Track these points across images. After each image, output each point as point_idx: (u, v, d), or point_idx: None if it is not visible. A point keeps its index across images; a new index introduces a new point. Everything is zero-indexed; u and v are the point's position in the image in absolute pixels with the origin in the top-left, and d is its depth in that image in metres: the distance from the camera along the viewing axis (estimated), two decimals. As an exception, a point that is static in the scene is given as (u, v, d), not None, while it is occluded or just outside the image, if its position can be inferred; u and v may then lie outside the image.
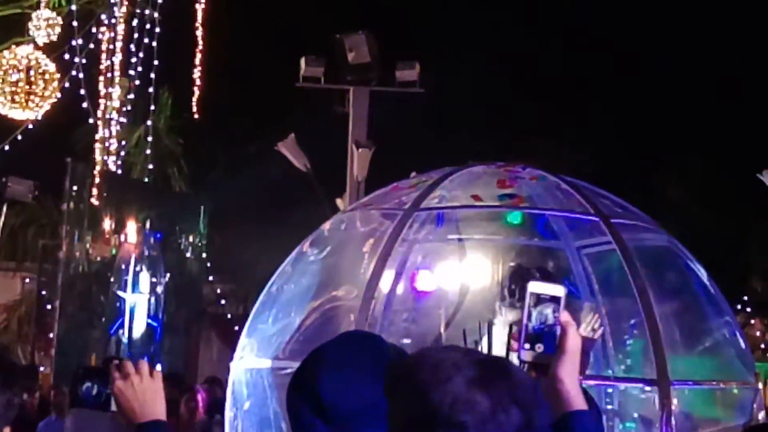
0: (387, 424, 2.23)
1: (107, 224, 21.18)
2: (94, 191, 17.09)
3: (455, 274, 8.38)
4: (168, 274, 23.68)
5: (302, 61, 17.04)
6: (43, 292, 19.13)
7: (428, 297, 8.33)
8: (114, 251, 22.04)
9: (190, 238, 23.47)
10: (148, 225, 22.46)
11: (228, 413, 7.88)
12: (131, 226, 22.08)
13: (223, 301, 24.54)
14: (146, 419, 2.86)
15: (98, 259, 20.74)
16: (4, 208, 18.69)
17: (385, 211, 7.88)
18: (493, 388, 2.13)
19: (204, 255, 23.73)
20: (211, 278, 24.33)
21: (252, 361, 7.68)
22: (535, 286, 2.47)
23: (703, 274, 7.77)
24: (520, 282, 7.45)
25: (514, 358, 2.44)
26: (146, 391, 2.88)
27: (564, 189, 7.66)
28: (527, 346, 2.45)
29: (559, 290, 2.47)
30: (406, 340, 7.78)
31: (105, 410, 2.92)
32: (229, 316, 23.31)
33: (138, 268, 23.15)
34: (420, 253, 8.38)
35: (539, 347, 2.45)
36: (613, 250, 7.47)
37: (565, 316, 2.46)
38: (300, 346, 7.38)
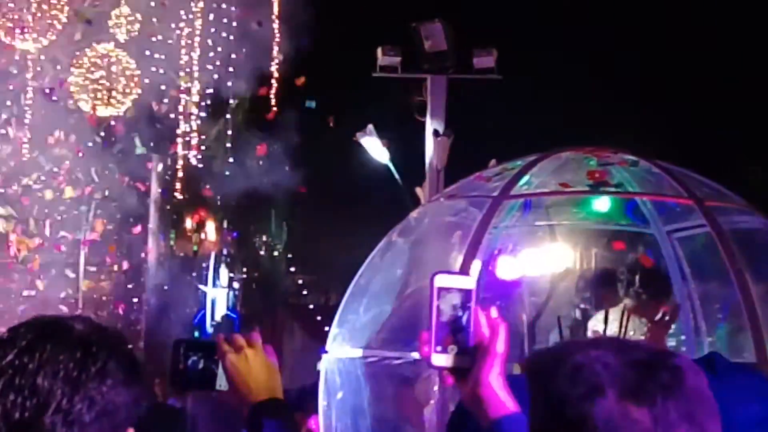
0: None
1: (188, 223, 21.59)
2: (178, 185, 17.27)
3: (544, 261, 8.34)
4: (245, 269, 24.08)
5: (379, 51, 17.06)
6: (129, 286, 19.41)
7: (518, 285, 8.30)
8: (195, 248, 22.49)
9: (264, 237, 23.80)
10: (225, 224, 22.87)
11: (321, 403, 7.93)
12: (210, 225, 22.52)
13: (305, 292, 24.72)
14: (263, 397, 2.50)
15: (181, 255, 21.14)
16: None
17: (473, 198, 7.86)
18: (656, 401, 1.73)
19: (276, 253, 24.01)
20: (292, 269, 24.57)
21: (344, 351, 7.72)
22: (440, 280, 2.11)
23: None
24: (599, 287, 7.42)
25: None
26: (262, 365, 2.53)
27: (655, 173, 7.58)
28: (438, 348, 2.10)
29: (468, 282, 2.13)
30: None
31: (211, 388, 2.54)
32: (311, 306, 23.49)
33: (217, 264, 23.64)
34: (508, 241, 8.34)
35: (452, 349, 2.10)
36: (703, 232, 7.40)
37: (493, 313, 2.15)
38: (391, 335, 7.41)
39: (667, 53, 18.57)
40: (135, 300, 19.07)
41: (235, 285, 24.40)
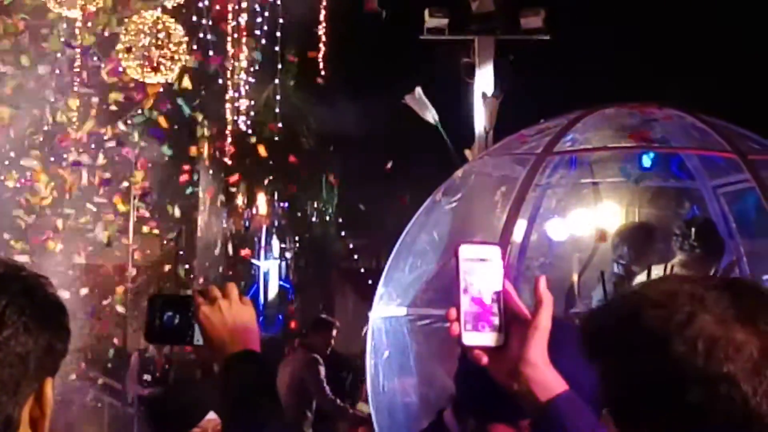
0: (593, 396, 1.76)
1: (240, 200, 21.78)
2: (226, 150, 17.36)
3: (589, 218, 8.33)
4: (297, 238, 24.25)
5: (426, 13, 17.00)
6: (181, 252, 19.60)
7: (563, 242, 8.30)
8: (247, 224, 22.71)
9: (315, 204, 23.93)
10: (276, 196, 23.01)
11: (369, 362, 8.00)
12: (261, 199, 22.68)
13: (356, 256, 24.85)
14: (237, 349, 2.39)
15: (233, 231, 21.35)
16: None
17: (517, 156, 7.86)
18: (758, 322, 1.59)
19: (328, 218, 24.13)
20: (343, 234, 24.71)
21: (390, 310, 7.77)
22: (465, 251, 1.91)
23: None
24: (638, 243, 7.39)
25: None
26: (236, 316, 2.41)
27: (700, 128, 7.52)
28: (468, 327, 1.90)
29: (495, 252, 1.94)
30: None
31: (189, 343, 2.48)
32: (362, 270, 23.60)
33: (269, 237, 23.81)
34: (553, 199, 8.35)
35: (483, 326, 1.90)
36: (751, 188, 7.33)
37: (542, 284, 1.93)
38: (436, 294, 7.44)
39: (720, 10, 18.35)
40: (187, 266, 19.23)
41: (287, 255, 24.58)
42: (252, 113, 17.28)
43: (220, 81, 15.97)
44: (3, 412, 1.67)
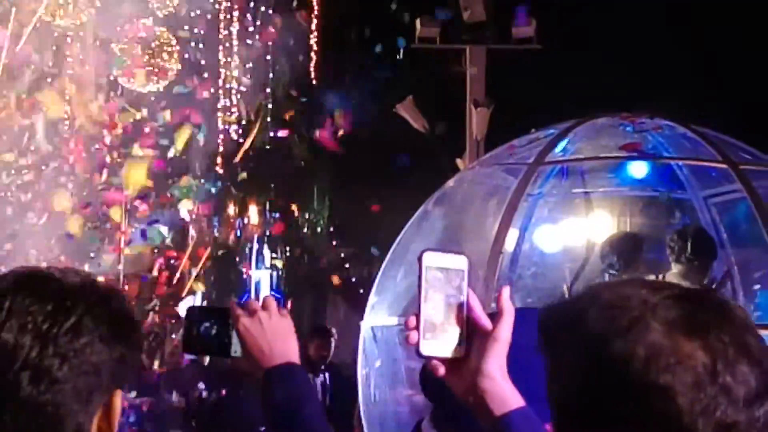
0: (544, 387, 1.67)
1: (231, 210, 21.81)
2: (219, 160, 17.39)
3: (581, 228, 8.34)
4: (288, 249, 24.29)
5: (417, 22, 17.04)
6: (173, 262, 19.57)
7: (554, 252, 8.31)
8: (239, 233, 22.74)
9: (306, 215, 23.96)
10: (267, 206, 23.05)
11: (360, 371, 7.99)
12: (252, 209, 22.71)
13: (347, 265, 24.84)
14: (277, 362, 2.38)
15: (225, 241, 21.36)
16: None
17: (508, 166, 7.87)
18: (709, 335, 1.47)
19: (319, 229, 24.16)
20: (335, 243, 24.70)
21: (381, 319, 7.77)
22: (429, 259, 1.84)
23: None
24: (625, 253, 7.39)
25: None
26: (276, 329, 2.41)
27: (691, 138, 7.55)
28: (428, 336, 1.82)
29: (460, 262, 1.87)
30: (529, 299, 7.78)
31: (227, 355, 2.46)
32: (353, 279, 23.59)
33: (260, 247, 23.83)
34: (545, 208, 8.36)
35: (443, 336, 1.83)
36: (741, 198, 7.35)
37: (505, 295, 1.87)
38: (428, 304, 7.42)
39: (711, 22, 18.41)
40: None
41: (278, 264, 24.58)
42: (243, 122, 17.31)
43: (212, 91, 16.00)
44: (74, 420, 1.69)
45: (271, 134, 18.79)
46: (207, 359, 13.44)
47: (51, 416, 1.66)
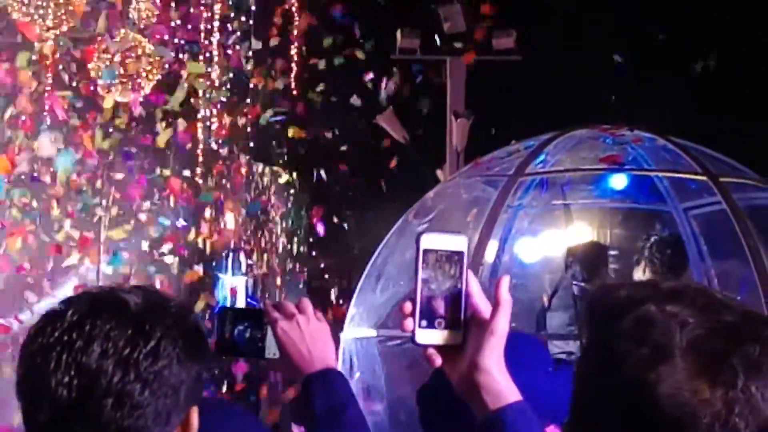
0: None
1: (207, 213, 21.73)
2: (198, 170, 17.31)
3: (561, 240, 8.35)
4: (265, 255, 24.25)
5: (398, 33, 17.05)
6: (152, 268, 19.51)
7: (534, 263, 8.31)
8: (214, 237, 22.65)
9: (283, 223, 23.94)
10: (244, 212, 22.99)
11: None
12: (229, 215, 22.65)
13: (326, 276, 24.82)
14: (317, 368, 2.34)
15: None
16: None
17: (489, 178, 7.87)
18: (735, 382, 1.41)
19: (296, 238, 24.14)
20: (314, 253, 24.66)
21: (361, 331, 7.74)
22: (427, 240, 1.75)
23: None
24: (588, 263, 7.38)
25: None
26: (314, 333, 2.36)
27: (671, 150, 7.56)
28: (424, 323, 1.74)
29: (460, 242, 1.76)
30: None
31: (261, 357, 2.42)
32: (333, 289, 23.56)
33: (236, 253, 23.78)
34: (525, 220, 8.36)
35: (440, 323, 1.75)
36: (721, 210, 7.36)
37: (503, 286, 1.78)
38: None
39: (690, 31, 18.47)
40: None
41: (255, 271, 24.52)
42: (224, 132, 17.25)
43: (192, 100, 15.92)
44: None
45: (252, 145, 18.70)
46: None
47: None
